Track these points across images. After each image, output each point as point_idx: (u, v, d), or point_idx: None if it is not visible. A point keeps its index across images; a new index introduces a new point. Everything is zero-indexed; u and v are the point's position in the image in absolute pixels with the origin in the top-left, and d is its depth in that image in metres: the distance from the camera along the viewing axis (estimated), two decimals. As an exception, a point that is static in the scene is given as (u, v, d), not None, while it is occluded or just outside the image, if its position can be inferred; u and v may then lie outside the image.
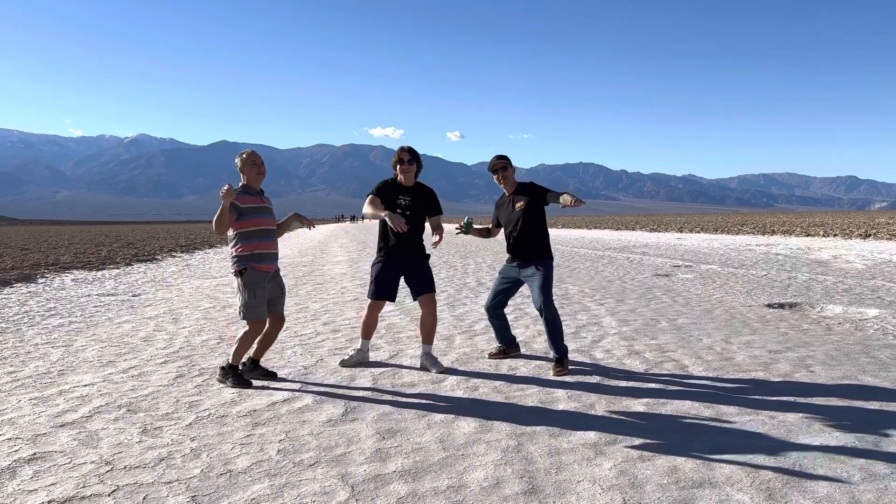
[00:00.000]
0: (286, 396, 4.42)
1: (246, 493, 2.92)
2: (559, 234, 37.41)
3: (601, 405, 4.14)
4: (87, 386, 4.73)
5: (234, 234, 4.64)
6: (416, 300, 5.15)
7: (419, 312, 5.25)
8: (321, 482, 3.02)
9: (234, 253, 4.65)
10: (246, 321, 4.65)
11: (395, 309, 7.99)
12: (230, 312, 8.21)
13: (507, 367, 5.19)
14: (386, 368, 5.17)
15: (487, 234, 5.54)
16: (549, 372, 4.97)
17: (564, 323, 6.72)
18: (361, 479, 3.06)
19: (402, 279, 5.12)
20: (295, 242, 31.14)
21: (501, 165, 5.14)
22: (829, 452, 3.27)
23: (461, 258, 17.45)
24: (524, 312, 7.76)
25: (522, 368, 5.12)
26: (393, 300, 5.15)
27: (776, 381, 4.65)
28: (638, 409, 4.06)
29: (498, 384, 4.67)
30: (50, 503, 2.84)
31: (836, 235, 25.53)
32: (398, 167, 5.00)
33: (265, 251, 4.68)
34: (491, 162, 5.21)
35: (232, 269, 4.68)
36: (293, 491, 2.93)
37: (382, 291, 5.06)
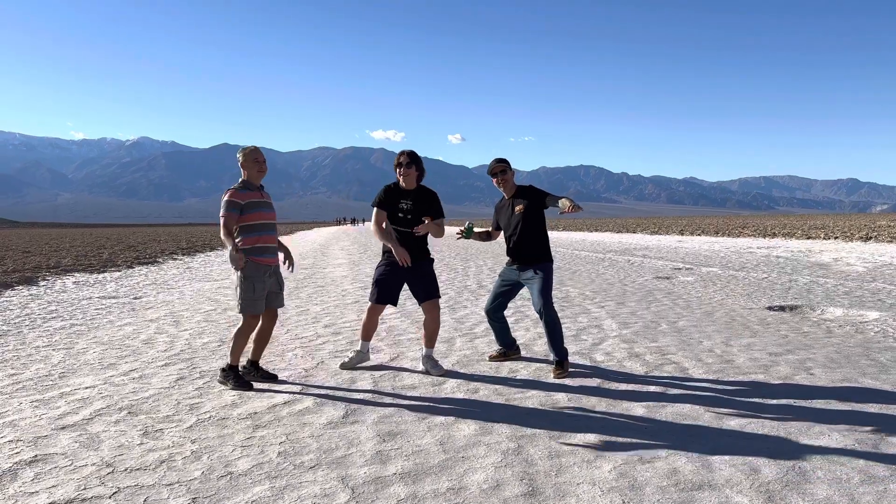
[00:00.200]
0: (287, 399, 4.43)
1: (246, 495, 2.93)
2: (560, 236, 37.41)
3: (601, 407, 4.15)
4: (88, 388, 4.74)
5: (235, 228, 4.67)
6: (420, 305, 5.16)
7: (420, 315, 5.26)
8: (321, 484, 3.03)
9: None
10: (242, 315, 4.68)
11: (395, 312, 7.99)
12: (231, 315, 8.22)
13: (507, 369, 5.19)
14: (386, 371, 5.18)
15: (488, 237, 5.55)
16: (549, 374, 4.97)
17: (565, 325, 6.73)
18: (362, 481, 3.07)
19: (405, 283, 5.11)
20: (296, 245, 31.17)
21: (501, 169, 5.15)
22: (828, 454, 3.28)
23: (462, 261, 17.46)
24: (525, 315, 7.76)
25: (523, 371, 5.13)
26: (394, 304, 5.14)
27: (776, 383, 4.66)
28: (638, 411, 4.06)
29: (498, 386, 4.68)
30: (51, 505, 2.85)
31: (836, 238, 25.51)
32: (397, 171, 5.02)
33: (266, 244, 4.72)
34: (490, 165, 5.22)
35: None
36: (293, 493, 2.94)
37: (383, 295, 5.05)
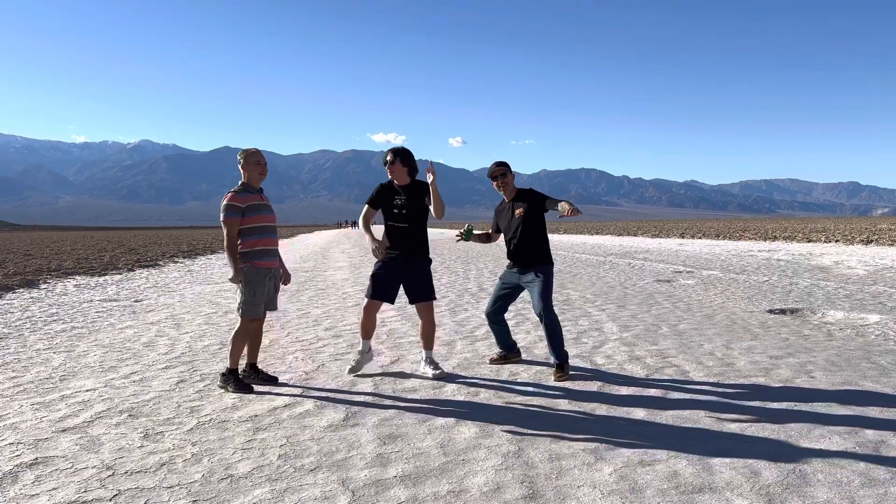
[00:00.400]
0: (287, 401, 4.43)
1: (247, 497, 2.93)
2: (561, 239, 37.41)
3: (602, 410, 4.15)
4: (88, 391, 4.75)
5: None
6: (414, 306, 5.13)
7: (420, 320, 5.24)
8: (322, 487, 3.03)
9: None
10: (241, 318, 4.69)
11: (396, 314, 8.00)
12: (232, 318, 8.22)
13: (507, 372, 5.19)
14: (387, 374, 5.18)
15: (487, 239, 5.55)
16: (549, 377, 4.97)
17: (566, 328, 6.73)
18: (362, 483, 3.07)
19: (401, 282, 5.07)
20: (297, 248, 31.19)
21: (501, 172, 5.16)
22: (829, 457, 3.28)
23: (462, 263, 17.46)
24: (525, 318, 7.76)
25: (523, 374, 5.13)
26: (391, 302, 5.09)
27: (777, 386, 4.65)
28: (638, 414, 4.06)
29: (499, 389, 4.68)
30: (52, 508, 2.85)
31: (837, 241, 25.51)
32: (386, 170, 5.04)
33: (266, 247, 4.73)
34: (490, 168, 5.23)
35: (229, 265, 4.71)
36: (294, 496, 2.94)
37: (378, 291, 4.99)
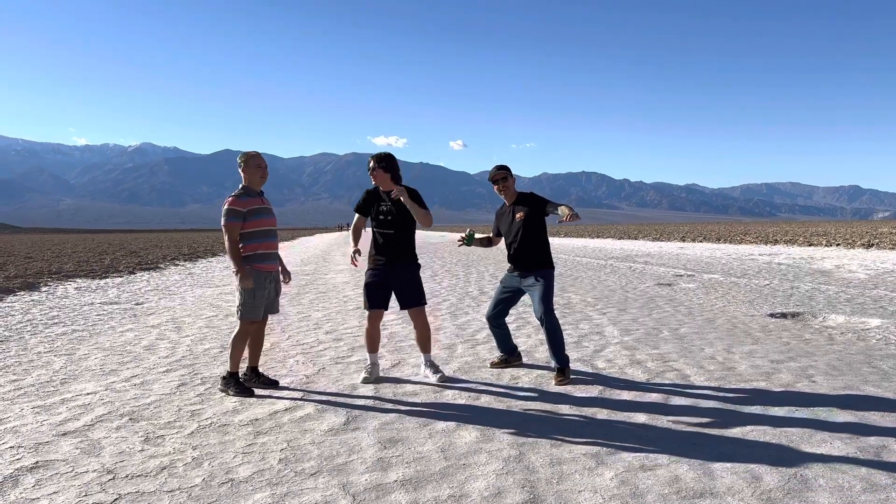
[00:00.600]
0: (288, 405, 4.43)
1: (247, 501, 2.93)
2: (562, 242, 37.41)
3: (603, 415, 4.14)
4: (89, 394, 4.75)
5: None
6: (406, 311, 5.09)
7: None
8: (322, 491, 3.03)
9: None
10: (240, 321, 4.70)
11: (396, 318, 7.99)
12: (233, 321, 8.22)
13: (508, 376, 5.19)
14: (388, 377, 5.18)
15: (489, 242, 5.56)
16: (550, 381, 4.97)
17: (566, 332, 6.72)
18: (363, 488, 3.06)
19: (392, 288, 5.02)
20: (298, 251, 31.21)
21: (502, 176, 5.16)
22: (830, 462, 3.27)
23: (463, 267, 17.46)
24: (526, 321, 7.76)
25: (524, 378, 5.13)
26: (385, 308, 5.06)
27: (778, 390, 4.65)
28: (639, 418, 4.06)
29: (499, 393, 4.67)
30: (52, 511, 2.85)
31: (838, 245, 25.49)
32: (370, 175, 4.99)
33: (267, 251, 4.75)
34: (491, 172, 5.23)
35: (233, 269, 4.71)
36: (294, 500, 2.94)
37: (376, 300, 4.97)
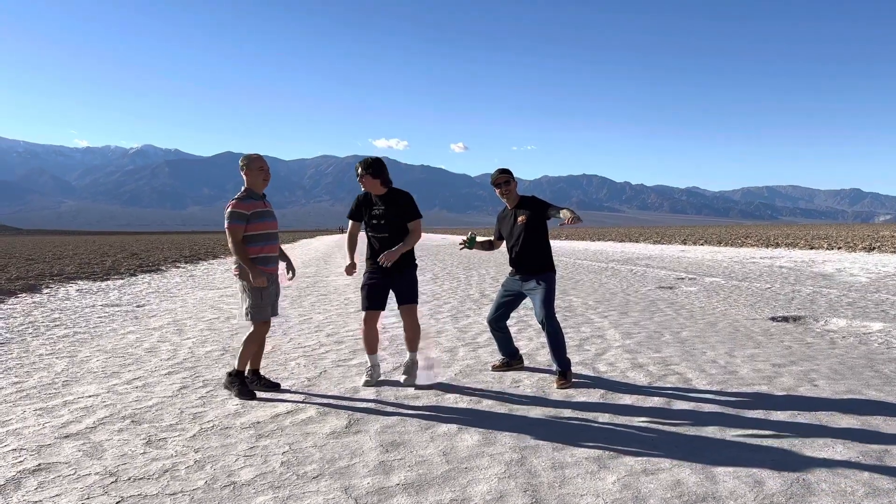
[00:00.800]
0: (290, 408, 4.43)
1: (249, 505, 2.93)
2: (563, 245, 37.40)
3: (604, 418, 4.14)
4: (91, 397, 4.75)
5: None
6: (398, 308, 5.13)
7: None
8: (324, 494, 3.03)
9: None
10: (252, 323, 4.72)
11: (398, 321, 7.98)
12: (234, 323, 8.23)
13: (510, 379, 5.19)
14: (389, 380, 5.18)
15: (490, 246, 5.56)
16: (552, 385, 4.97)
17: (568, 335, 6.72)
18: (365, 491, 3.07)
19: (390, 288, 5.05)
20: (298, 253, 31.22)
21: (504, 179, 5.17)
22: (832, 467, 3.27)
23: (464, 270, 17.46)
24: (527, 325, 7.76)
25: (526, 381, 5.12)
26: (382, 308, 5.08)
27: (780, 394, 4.64)
28: (641, 422, 4.05)
29: (501, 397, 4.67)
30: (55, 514, 2.85)
31: (840, 248, 25.48)
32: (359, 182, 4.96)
33: (269, 254, 4.79)
34: (493, 175, 5.23)
35: (236, 272, 4.74)
36: (297, 503, 2.94)
37: (373, 301, 5.00)
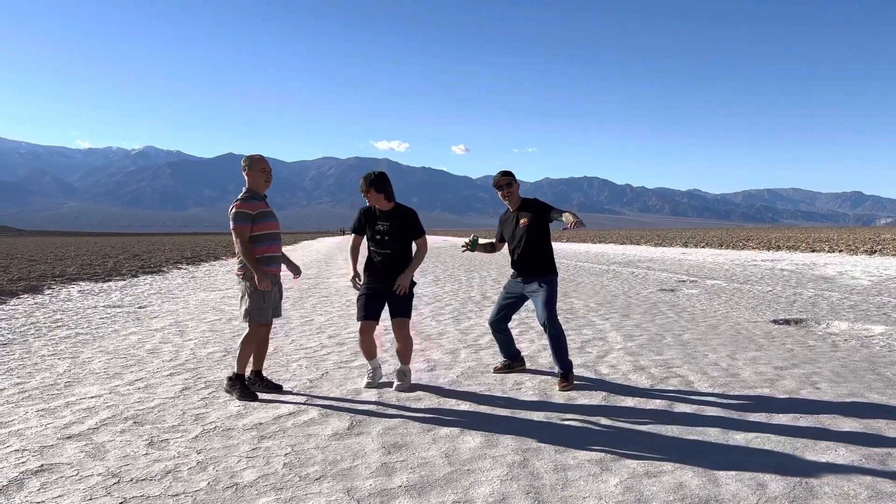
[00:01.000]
0: (292, 410, 4.43)
1: (252, 506, 2.93)
2: (564, 248, 37.39)
3: (607, 421, 4.14)
4: (93, 398, 4.76)
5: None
6: (391, 321, 5.02)
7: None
8: (327, 496, 3.03)
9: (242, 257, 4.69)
10: (249, 325, 4.70)
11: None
12: (236, 325, 8.23)
13: (512, 381, 5.19)
14: (390, 382, 5.17)
15: (492, 248, 5.56)
16: (554, 387, 4.97)
17: (570, 338, 6.72)
18: (367, 493, 3.07)
19: (385, 301, 4.98)
20: (300, 255, 31.24)
21: (506, 182, 5.17)
22: (835, 470, 3.26)
23: (466, 272, 17.47)
24: (529, 327, 7.76)
25: (528, 383, 5.12)
26: (377, 320, 5.00)
27: (782, 397, 4.64)
28: (643, 425, 4.05)
29: (503, 399, 4.67)
30: (57, 515, 2.85)
31: (841, 251, 25.45)
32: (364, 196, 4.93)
33: (273, 255, 4.78)
34: (496, 178, 5.24)
35: (239, 272, 4.72)
36: (299, 505, 2.94)
37: (370, 311, 4.94)
